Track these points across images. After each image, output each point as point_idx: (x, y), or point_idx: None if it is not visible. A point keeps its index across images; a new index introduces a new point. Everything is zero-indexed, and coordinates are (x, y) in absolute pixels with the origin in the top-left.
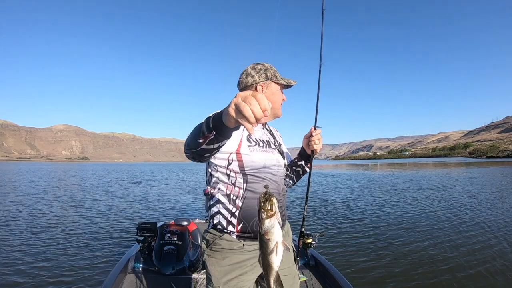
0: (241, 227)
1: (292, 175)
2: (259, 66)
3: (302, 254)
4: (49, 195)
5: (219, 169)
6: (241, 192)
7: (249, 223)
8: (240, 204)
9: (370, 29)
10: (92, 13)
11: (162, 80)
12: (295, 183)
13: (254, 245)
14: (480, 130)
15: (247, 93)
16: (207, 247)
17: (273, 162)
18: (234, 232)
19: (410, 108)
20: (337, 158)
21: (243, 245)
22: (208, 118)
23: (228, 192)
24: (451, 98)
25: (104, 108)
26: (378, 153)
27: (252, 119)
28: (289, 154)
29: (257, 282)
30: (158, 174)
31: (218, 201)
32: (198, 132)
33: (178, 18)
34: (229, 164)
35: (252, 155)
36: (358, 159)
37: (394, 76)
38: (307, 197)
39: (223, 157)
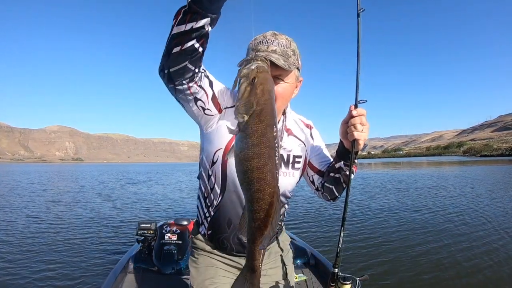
0: (210, 234)
1: (330, 186)
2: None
3: (302, 254)
4: (46, 197)
5: (205, 163)
6: (215, 203)
7: (217, 235)
8: (212, 213)
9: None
10: (87, 12)
11: (157, 80)
12: (336, 197)
13: (224, 255)
14: (473, 129)
15: None
16: (191, 244)
17: None
18: (206, 235)
19: (404, 107)
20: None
21: (214, 249)
22: None
23: (205, 195)
24: (445, 97)
25: (98, 109)
26: (372, 152)
27: None
28: (326, 155)
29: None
30: (154, 175)
31: (198, 197)
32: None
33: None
34: (213, 163)
35: None
36: None
37: (388, 76)
38: (343, 221)
39: (211, 150)
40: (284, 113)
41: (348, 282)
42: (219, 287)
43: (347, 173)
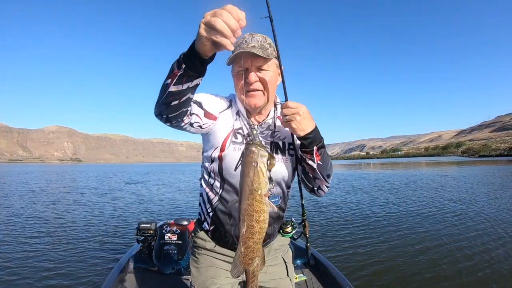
0: (213, 229)
1: (303, 176)
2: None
3: (302, 254)
4: (46, 197)
5: (205, 163)
6: (216, 197)
7: (219, 229)
8: (214, 207)
9: (360, 26)
10: (85, 12)
11: (155, 80)
12: (311, 189)
13: (225, 251)
14: (472, 130)
15: (215, 9)
16: (192, 244)
17: None
18: (208, 230)
19: (403, 108)
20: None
21: (215, 246)
22: (179, 56)
23: (207, 191)
24: (443, 97)
25: (96, 109)
26: (371, 152)
27: (228, 32)
28: None
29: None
30: (154, 175)
31: (201, 195)
32: (167, 75)
33: (173, 16)
34: (212, 161)
35: (235, 156)
36: (351, 159)
37: (386, 76)
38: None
39: (210, 149)
40: (275, 105)
41: (288, 226)
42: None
43: (309, 162)
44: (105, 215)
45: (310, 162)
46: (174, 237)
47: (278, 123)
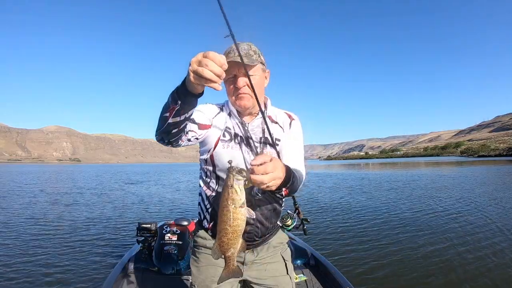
0: (213, 225)
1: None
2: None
3: (302, 254)
4: (45, 198)
5: (202, 163)
6: (213, 194)
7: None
8: (211, 204)
9: (360, 24)
10: (85, 12)
11: (153, 80)
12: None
13: None
14: (471, 130)
15: (198, 56)
16: (193, 243)
17: (242, 162)
18: (208, 228)
19: (402, 108)
20: (329, 158)
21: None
22: (173, 91)
23: (204, 190)
24: (442, 98)
25: (95, 109)
26: (370, 152)
27: (215, 78)
28: (294, 153)
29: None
30: (153, 175)
31: (200, 194)
32: (164, 108)
33: (172, 17)
34: (206, 161)
35: (224, 153)
36: (350, 159)
37: (386, 76)
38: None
39: (204, 151)
40: (265, 105)
41: (289, 219)
42: (220, 286)
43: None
44: (105, 216)
45: (276, 194)
46: (174, 238)
47: (268, 121)
